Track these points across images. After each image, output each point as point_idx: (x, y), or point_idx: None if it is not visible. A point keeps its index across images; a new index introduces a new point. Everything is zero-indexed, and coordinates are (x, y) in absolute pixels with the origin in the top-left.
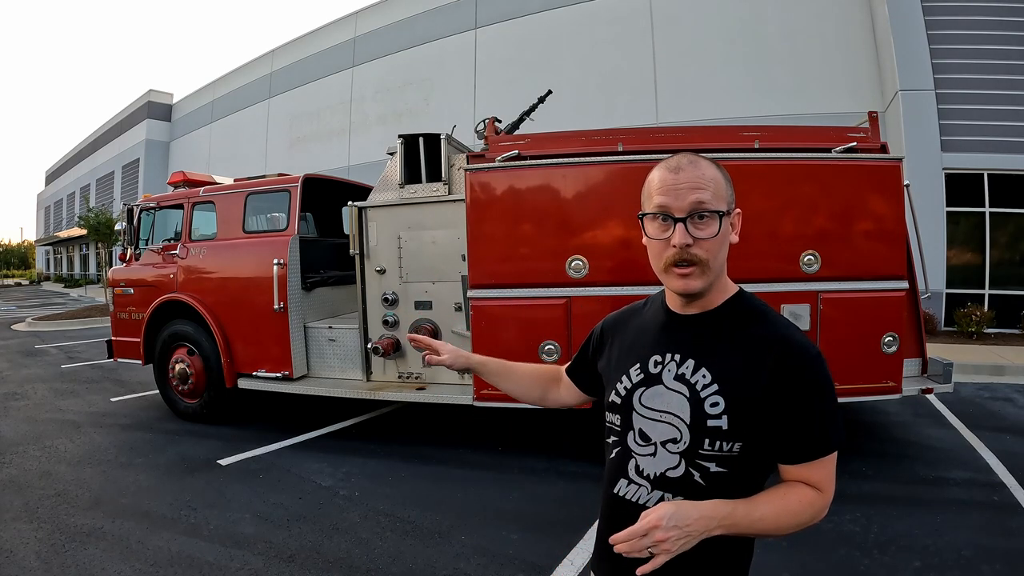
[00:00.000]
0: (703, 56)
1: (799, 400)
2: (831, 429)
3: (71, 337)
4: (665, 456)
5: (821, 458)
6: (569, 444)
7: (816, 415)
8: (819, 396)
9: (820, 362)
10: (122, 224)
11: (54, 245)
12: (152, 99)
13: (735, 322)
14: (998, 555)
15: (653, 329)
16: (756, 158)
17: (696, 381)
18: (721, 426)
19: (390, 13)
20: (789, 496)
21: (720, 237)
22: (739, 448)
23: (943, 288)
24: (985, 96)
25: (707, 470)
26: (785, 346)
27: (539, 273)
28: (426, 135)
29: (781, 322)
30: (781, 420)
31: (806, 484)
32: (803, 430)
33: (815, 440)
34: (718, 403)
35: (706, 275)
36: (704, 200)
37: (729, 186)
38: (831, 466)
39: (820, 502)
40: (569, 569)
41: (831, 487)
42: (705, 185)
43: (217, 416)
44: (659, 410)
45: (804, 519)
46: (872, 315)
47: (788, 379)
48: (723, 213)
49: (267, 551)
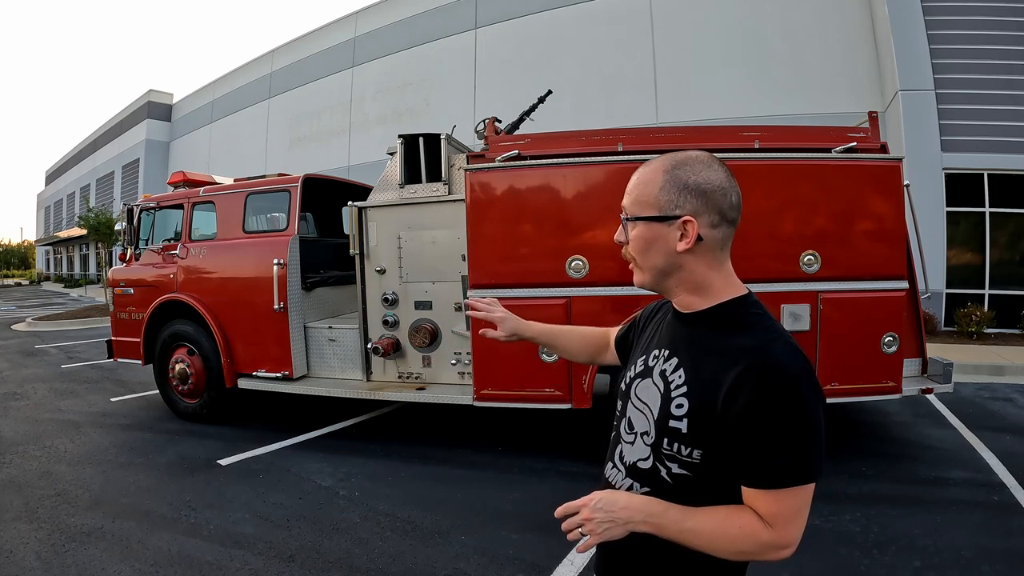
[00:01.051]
0: (703, 56)
1: (757, 418)
2: (791, 459)
3: (71, 337)
4: (640, 447)
5: (773, 489)
6: (569, 444)
7: (774, 439)
8: (782, 418)
9: (794, 383)
10: (122, 224)
11: (54, 245)
12: (152, 99)
13: (718, 328)
14: (998, 555)
15: (663, 325)
16: (756, 158)
17: (672, 380)
18: (680, 428)
19: (390, 13)
20: (732, 519)
21: (636, 241)
22: (700, 456)
23: (943, 288)
24: (985, 96)
25: (671, 469)
26: (754, 357)
27: (539, 273)
28: (426, 135)
29: (767, 332)
30: (739, 437)
31: (756, 513)
32: (756, 452)
33: (766, 467)
34: (683, 405)
35: (641, 273)
36: (624, 205)
37: (674, 191)
38: (789, 502)
39: (767, 537)
40: (569, 569)
41: (787, 527)
42: (631, 190)
43: (217, 416)
44: (643, 401)
45: (745, 548)
46: (872, 315)
47: (749, 393)
48: (628, 218)
49: (267, 551)
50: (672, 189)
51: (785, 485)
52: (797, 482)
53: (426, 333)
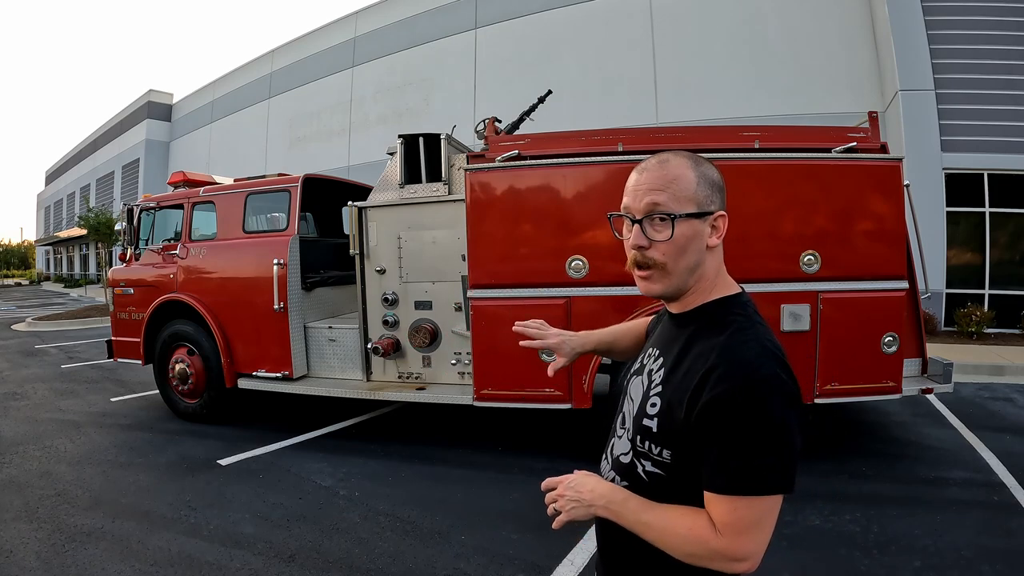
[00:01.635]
0: (703, 56)
1: (715, 418)
2: (746, 465)
3: (71, 337)
4: (624, 442)
5: (727, 495)
6: (569, 444)
7: (730, 441)
8: (741, 420)
9: (759, 384)
10: (122, 224)
11: (54, 245)
12: (152, 99)
13: (701, 327)
14: (998, 555)
15: (662, 324)
16: (756, 158)
17: (654, 378)
18: (651, 427)
19: (390, 13)
20: (684, 519)
21: (677, 240)
22: (670, 456)
23: (943, 288)
24: (985, 96)
25: (645, 467)
26: (719, 357)
27: (539, 273)
28: (426, 135)
29: (741, 334)
30: (699, 437)
31: (710, 518)
32: (713, 454)
33: (720, 469)
34: (656, 403)
35: (666, 279)
36: (659, 202)
37: (706, 187)
38: (743, 512)
39: (716, 544)
40: (569, 569)
41: (740, 538)
42: (664, 186)
43: (217, 416)
44: (631, 398)
45: (693, 551)
46: (872, 315)
47: (710, 391)
48: (676, 216)
49: (267, 551)
50: (704, 185)
51: (739, 492)
52: (753, 491)
53: (426, 333)
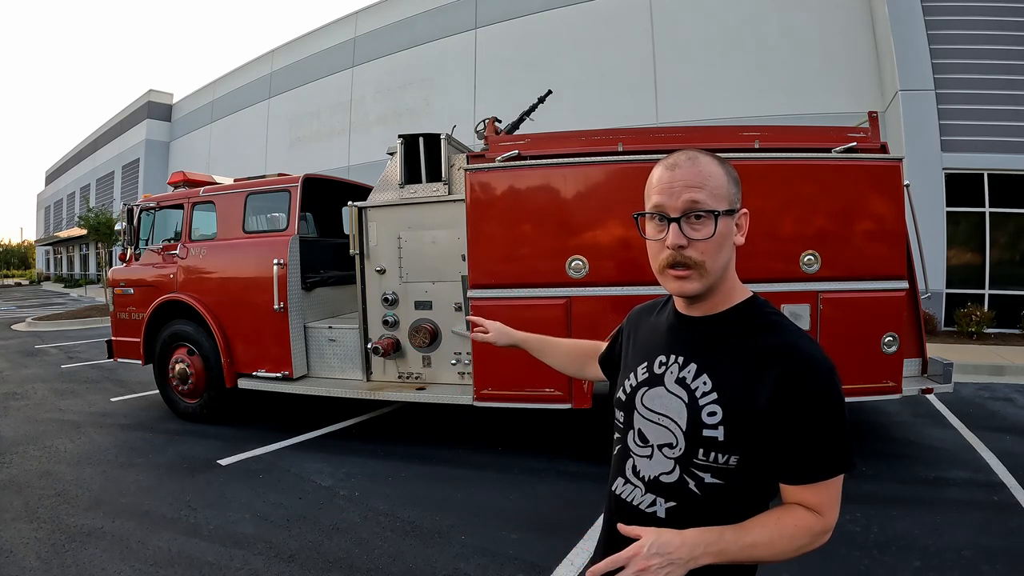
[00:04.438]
0: (703, 56)
1: (803, 417)
2: (837, 450)
3: (71, 337)
4: (661, 460)
5: (824, 480)
6: (569, 444)
7: (821, 434)
8: (825, 413)
9: (830, 377)
10: (122, 224)
11: (54, 245)
12: (152, 99)
13: (741, 330)
14: (998, 555)
15: (663, 329)
16: (756, 158)
17: (696, 387)
18: (717, 437)
19: (390, 13)
20: (785, 519)
21: (717, 238)
22: (736, 462)
23: (943, 288)
24: (985, 96)
25: (702, 480)
26: (790, 358)
27: (539, 273)
28: (426, 135)
29: (791, 332)
30: (783, 437)
31: (805, 507)
32: (805, 449)
33: (818, 461)
34: (716, 412)
35: (704, 278)
36: (698, 199)
37: (733, 184)
38: (835, 489)
39: (819, 526)
40: (569, 569)
41: (833, 511)
42: (701, 183)
43: (217, 416)
44: (658, 412)
45: (801, 543)
46: (872, 315)
47: (791, 393)
48: (719, 213)
49: (267, 551)
50: (732, 182)
51: (836, 474)
52: (844, 470)
53: (426, 333)
